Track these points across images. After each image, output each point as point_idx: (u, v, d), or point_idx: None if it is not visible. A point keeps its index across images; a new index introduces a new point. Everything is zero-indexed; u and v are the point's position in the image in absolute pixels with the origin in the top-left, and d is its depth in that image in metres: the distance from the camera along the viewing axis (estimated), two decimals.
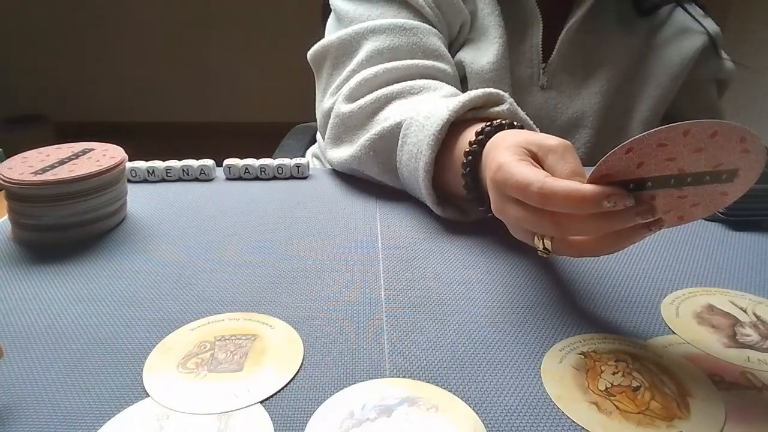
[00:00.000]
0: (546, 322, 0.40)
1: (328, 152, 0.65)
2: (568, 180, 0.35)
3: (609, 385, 0.33)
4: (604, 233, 0.34)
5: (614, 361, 0.36)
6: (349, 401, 0.32)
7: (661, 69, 0.74)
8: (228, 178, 0.65)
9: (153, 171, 0.64)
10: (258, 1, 2.87)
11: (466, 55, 0.69)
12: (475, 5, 0.70)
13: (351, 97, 0.61)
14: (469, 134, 0.48)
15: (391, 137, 0.55)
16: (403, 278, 0.45)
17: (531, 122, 0.53)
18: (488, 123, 0.47)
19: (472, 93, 0.51)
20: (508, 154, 0.39)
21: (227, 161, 0.65)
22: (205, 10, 2.89)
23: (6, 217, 0.51)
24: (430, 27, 0.66)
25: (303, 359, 0.36)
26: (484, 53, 0.68)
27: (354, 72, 0.63)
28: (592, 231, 0.34)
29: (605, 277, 0.45)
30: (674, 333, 0.39)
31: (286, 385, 0.34)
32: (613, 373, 0.34)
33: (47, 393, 0.33)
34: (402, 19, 0.64)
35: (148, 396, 0.33)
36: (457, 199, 0.53)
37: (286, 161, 0.66)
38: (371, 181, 0.62)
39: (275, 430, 0.30)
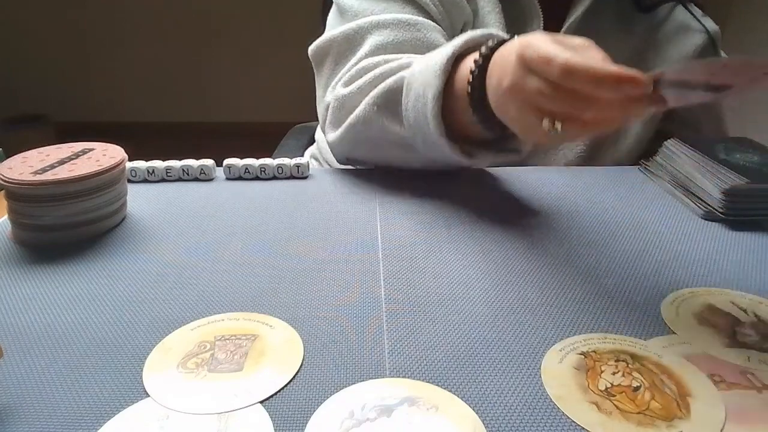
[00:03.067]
0: (546, 322, 0.40)
1: (329, 136, 0.65)
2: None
3: (609, 385, 0.33)
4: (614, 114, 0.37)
5: (614, 361, 0.36)
6: (349, 401, 0.32)
7: (661, 66, 0.74)
8: (228, 178, 0.65)
9: (153, 171, 0.64)
10: (258, 1, 2.87)
11: None
12: (476, 4, 0.70)
13: (350, 82, 0.62)
14: (470, 61, 0.49)
15: (396, 89, 0.56)
16: (403, 278, 0.45)
17: None
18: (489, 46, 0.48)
19: (470, 33, 0.52)
20: (539, 35, 0.40)
21: (227, 161, 0.65)
22: (205, 10, 2.89)
23: (6, 217, 0.51)
24: (434, 24, 0.66)
25: (303, 359, 0.36)
26: None
27: (355, 65, 0.63)
28: (605, 113, 0.36)
29: (605, 277, 0.45)
30: (674, 333, 0.39)
31: (286, 385, 0.34)
32: (613, 373, 0.34)
33: (47, 393, 0.33)
34: (406, 15, 0.64)
35: (148, 396, 0.33)
36: (463, 141, 0.54)
37: (286, 161, 0.65)
38: (371, 179, 0.62)
39: (275, 430, 0.30)
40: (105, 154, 0.53)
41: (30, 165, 0.50)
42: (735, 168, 0.56)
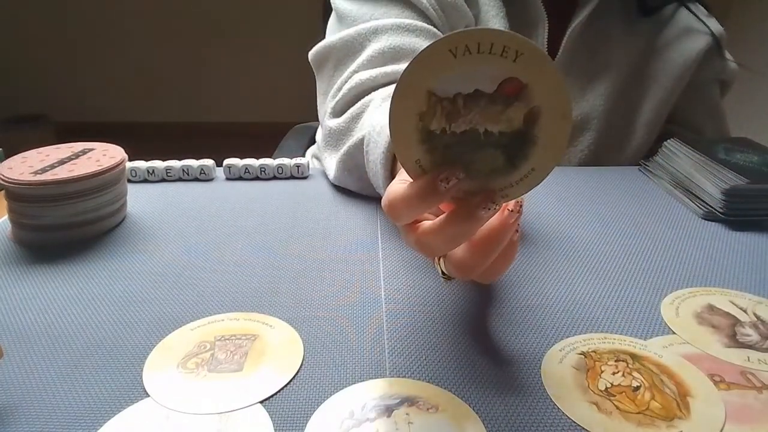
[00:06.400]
0: (546, 322, 0.40)
1: (324, 161, 0.64)
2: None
3: (609, 385, 0.33)
4: (461, 239, 0.31)
5: (614, 361, 0.36)
6: (349, 401, 0.32)
7: (665, 71, 0.73)
8: (228, 178, 0.65)
9: (153, 171, 0.64)
10: (258, 1, 2.87)
11: None
12: (479, 8, 0.69)
13: (336, 112, 0.61)
14: None
15: (357, 153, 0.55)
16: (403, 278, 0.45)
17: None
18: None
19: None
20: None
21: (227, 161, 0.65)
22: (205, 11, 2.89)
23: (6, 217, 0.51)
24: (434, 29, 0.66)
25: (303, 359, 0.36)
26: None
27: (354, 72, 0.62)
28: (446, 238, 0.31)
29: (605, 277, 0.45)
30: (674, 333, 0.39)
31: (286, 385, 0.34)
32: (613, 373, 0.34)
33: (47, 393, 0.33)
34: (406, 20, 0.64)
35: (148, 396, 0.33)
36: None
37: (286, 161, 0.66)
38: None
39: (275, 430, 0.30)
40: (105, 154, 0.53)
41: (30, 165, 0.50)
42: (735, 168, 0.56)
